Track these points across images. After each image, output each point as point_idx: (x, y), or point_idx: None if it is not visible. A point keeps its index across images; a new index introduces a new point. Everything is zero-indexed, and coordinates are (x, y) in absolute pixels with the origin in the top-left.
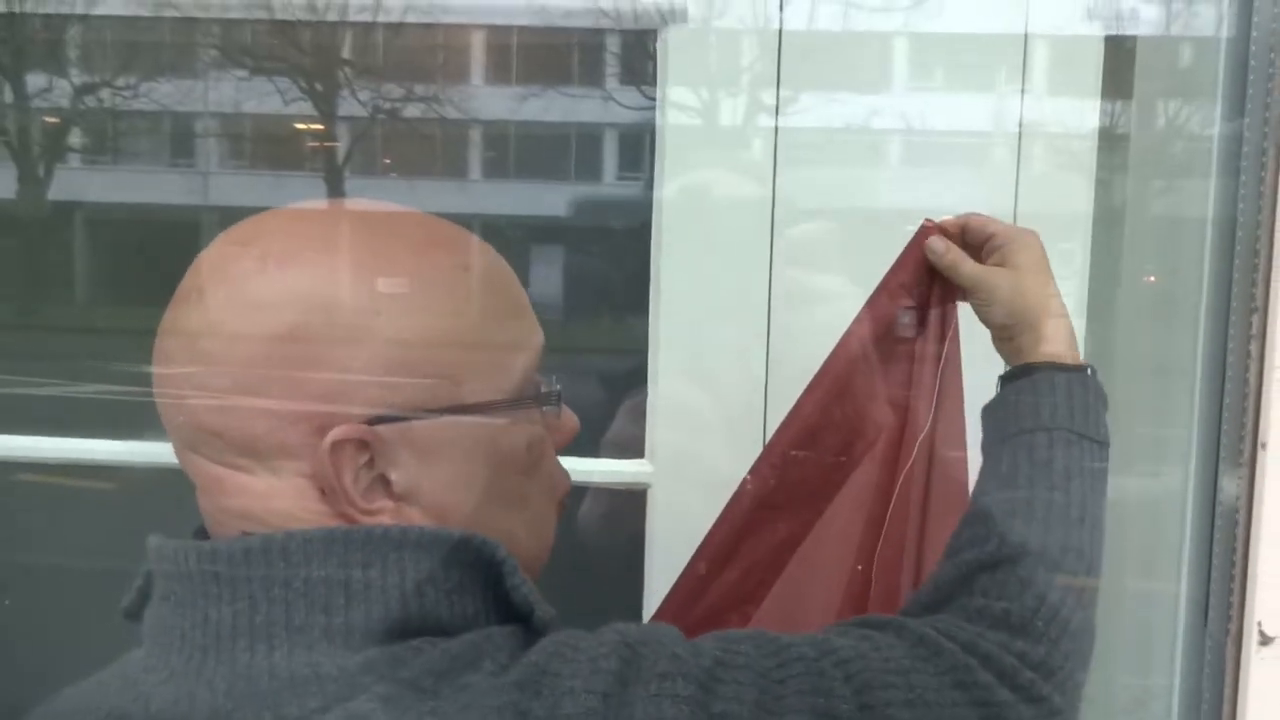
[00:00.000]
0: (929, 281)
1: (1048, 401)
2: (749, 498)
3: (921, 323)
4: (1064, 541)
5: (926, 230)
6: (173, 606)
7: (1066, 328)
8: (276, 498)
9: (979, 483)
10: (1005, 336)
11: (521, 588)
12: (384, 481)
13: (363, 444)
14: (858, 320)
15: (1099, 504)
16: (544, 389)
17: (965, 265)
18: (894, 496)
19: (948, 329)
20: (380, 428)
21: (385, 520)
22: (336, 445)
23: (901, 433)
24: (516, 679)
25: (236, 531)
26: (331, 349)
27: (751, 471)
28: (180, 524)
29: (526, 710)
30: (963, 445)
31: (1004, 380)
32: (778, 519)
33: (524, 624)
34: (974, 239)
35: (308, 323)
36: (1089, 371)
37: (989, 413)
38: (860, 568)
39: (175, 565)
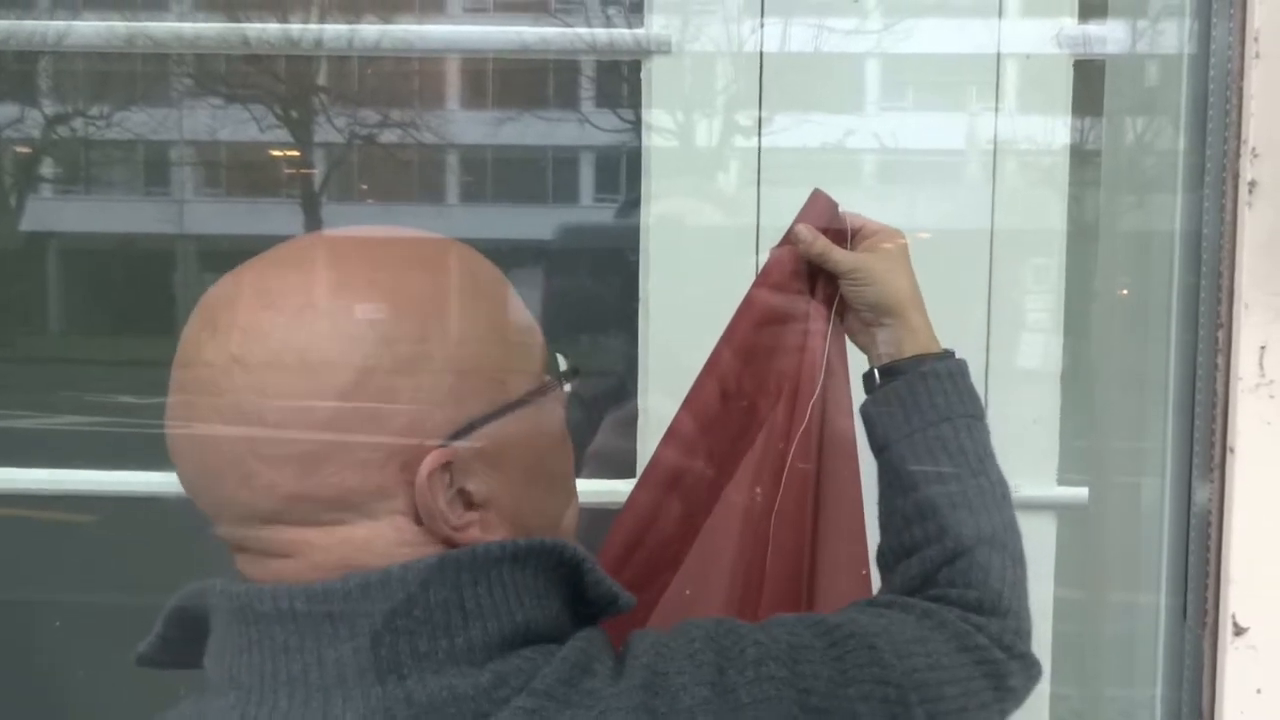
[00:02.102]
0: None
1: (940, 392)
2: (659, 473)
3: (810, 290)
4: (1001, 521)
5: (818, 198)
6: (271, 651)
7: (927, 318)
8: (377, 540)
9: (902, 478)
10: (871, 321)
11: (604, 581)
12: (463, 494)
13: (446, 464)
14: (751, 292)
15: (1002, 474)
16: (558, 368)
17: (835, 251)
18: (789, 458)
19: (834, 296)
20: (457, 445)
21: (475, 532)
22: (431, 473)
23: (795, 398)
24: (640, 682)
25: (284, 577)
26: (398, 383)
27: (660, 446)
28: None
29: (654, 709)
30: (849, 409)
31: (883, 375)
32: (687, 491)
33: (591, 620)
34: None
35: (373, 366)
36: (955, 354)
37: (878, 409)
38: (765, 528)
39: (275, 608)
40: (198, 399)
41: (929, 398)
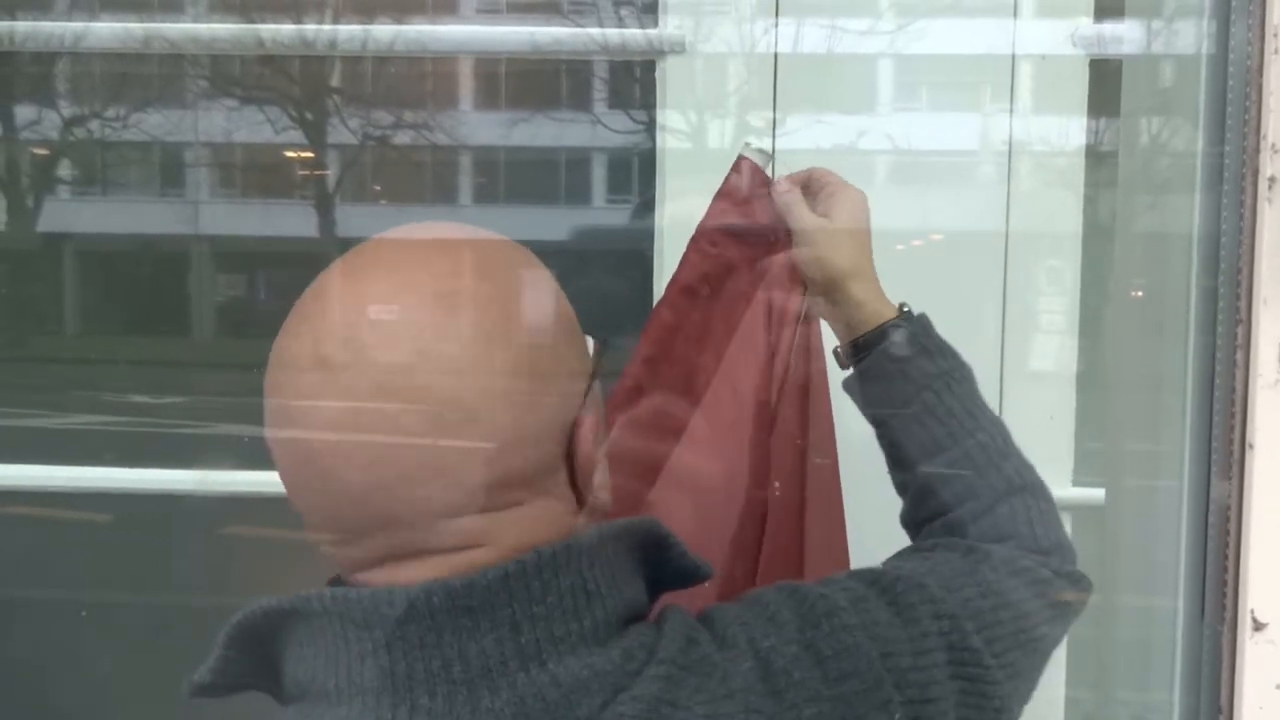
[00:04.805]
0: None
1: (909, 362)
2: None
3: (751, 255)
4: (1010, 467)
5: (742, 160)
6: (404, 651)
7: (874, 281)
8: (550, 510)
9: (900, 454)
10: (816, 291)
11: (688, 554)
12: None
13: (593, 429)
14: (683, 263)
15: (993, 414)
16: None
17: (797, 209)
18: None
19: (778, 257)
20: (591, 408)
21: (604, 494)
22: (592, 436)
23: (753, 374)
24: (744, 648)
25: (473, 567)
26: (549, 358)
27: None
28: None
29: (762, 673)
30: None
31: (851, 355)
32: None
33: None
34: (813, 189)
35: (534, 343)
36: (909, 309)
37: (858, 386)
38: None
39: (409, 608)
40: (373, 405)
41: (901, 371)
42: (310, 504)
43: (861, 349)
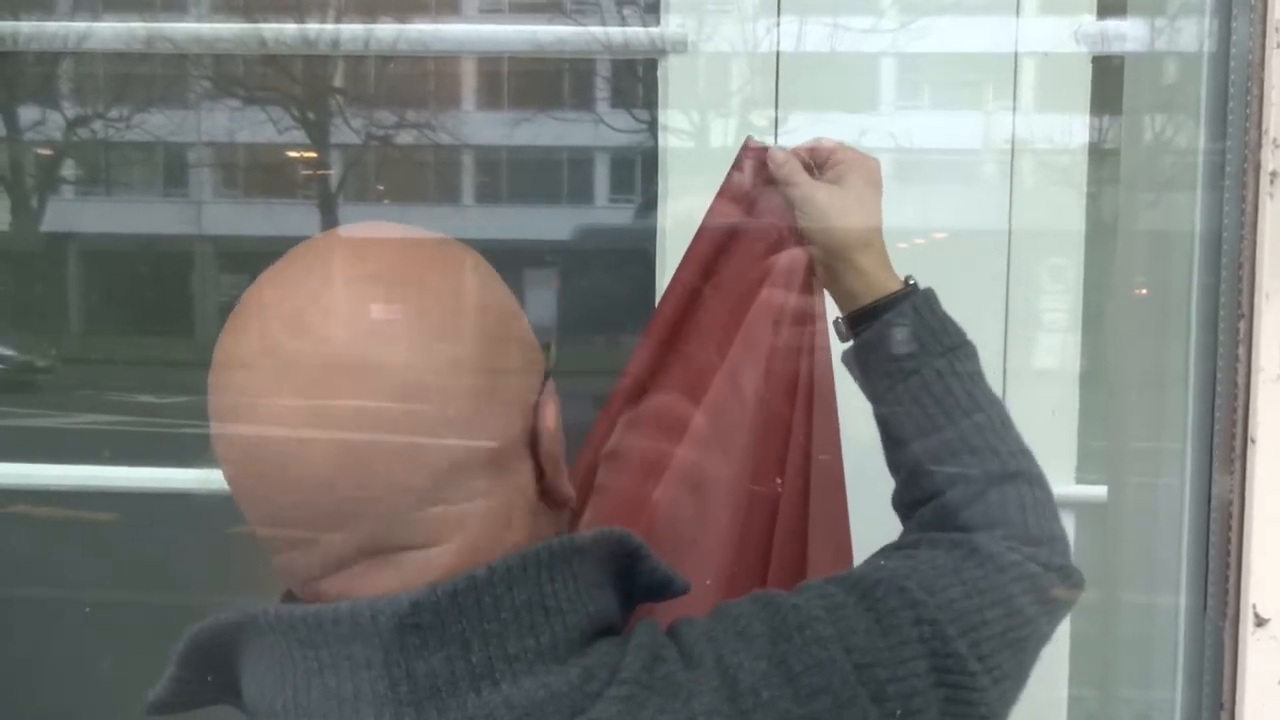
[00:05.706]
0: (763, 202)
1: (910, 339)
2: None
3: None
4: (1006, 450)
5: (750, 149)
6: (350, 671)
7: (881, 253)
8: (516, 507)
9: (894, 433)
10: (823, 261)
11: (660, 568)
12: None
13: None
14: (691, 251)
15: (994, 396)
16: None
17: (798, 178)
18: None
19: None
20: (550, 396)
21: (567, 488)
22: (554, 420)
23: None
24: (711, 665)
25: (423, 581)
26: (509, 347)
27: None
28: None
29: (728, 691)
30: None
31: (850, 325)
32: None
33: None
34: (818, 161)
35: (492, 334)
36: (914, 283)
37: (857, 359)
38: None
39: (354, 626)
40: (336, 392)
41: (901, 345)
42: (265, 504)
43: (862, 320)
